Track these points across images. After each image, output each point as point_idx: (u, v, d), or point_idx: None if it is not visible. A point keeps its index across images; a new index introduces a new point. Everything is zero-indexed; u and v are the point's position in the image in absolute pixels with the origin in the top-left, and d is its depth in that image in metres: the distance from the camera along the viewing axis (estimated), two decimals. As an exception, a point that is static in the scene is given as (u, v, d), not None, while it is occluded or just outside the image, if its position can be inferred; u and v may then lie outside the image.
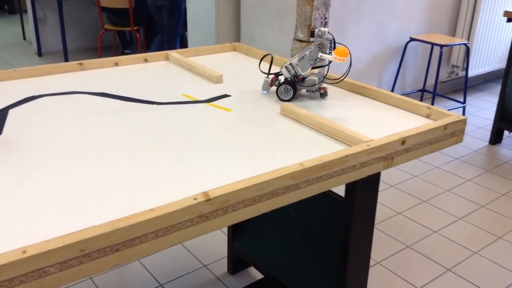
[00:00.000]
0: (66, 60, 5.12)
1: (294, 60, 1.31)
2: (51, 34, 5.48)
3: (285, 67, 1.32)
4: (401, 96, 1.32)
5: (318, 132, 1.13)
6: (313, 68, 1.32)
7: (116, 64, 1.57)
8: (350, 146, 1.05)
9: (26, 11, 5.73)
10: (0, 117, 1.13)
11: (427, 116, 1.25)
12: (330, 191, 1.43)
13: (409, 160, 1.12)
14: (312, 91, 1.35)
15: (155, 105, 1.26)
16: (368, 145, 1.01)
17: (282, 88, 1.31)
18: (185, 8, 3.92)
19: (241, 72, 1.56)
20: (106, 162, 0.95)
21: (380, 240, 2.23)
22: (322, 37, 1.29)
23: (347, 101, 1.34)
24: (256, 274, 1.99)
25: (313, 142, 1.08)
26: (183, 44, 5.08)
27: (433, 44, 3.43)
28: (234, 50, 1.82)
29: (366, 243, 1.35)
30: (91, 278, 1.93)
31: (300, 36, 2.78)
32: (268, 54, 1.42)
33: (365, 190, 1.24)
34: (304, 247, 1.59)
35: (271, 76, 1.38)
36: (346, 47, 1.26)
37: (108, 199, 0.82)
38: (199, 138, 1.08)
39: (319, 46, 1.29)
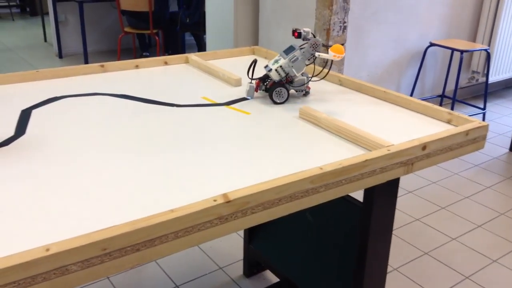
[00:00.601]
0: (86, 62, 5.19)
1: (283, 62, 1.31)
2: (72, 36, 5.56)
3: (275, 70, 1.31)
4: (422, 101, 1.31)
5: (337, 136, 1.13)
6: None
7: (137, 66, 1.59)
8: (370, 150, 1.05)
9: (47, 14, 5.83)
10: (23, 117, 1.15)
11: (448, 122, 1.24)
12: (348, 195, 1.42)
13: (429, 166, 1.11)
14: (301, 91, 1.36)
15: (175, 107, 1.27)
16: (388, 150, 1.00)
17: (276, 91, 1.31)
18: (204, 12, 3.95)
19: (260, 75, 1.57)
20: (126, 163, 0.96)
21: (397, 246, 2.21)
22: (307, 37, 1.31)
23: (366, 106, 1.33)
24: (271, 278, 1.99)
25: (332, 146, 1.08)
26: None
27: (453, 50, 3.39)
28: (253, 53, 1.82)
29: (384, 249, 1.34)
30: (108, 277, 1.95)
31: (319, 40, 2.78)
32: (254, 60, 1.40)
33: (384, 195, 1.23)
34: (320, 251, 1.58)
35: (255, 81, 1.37)
36: (342, 45, 1.28)
37: (129, 199, 0.83)
38: (218, 140, 1.08)
39: (313, 45, 1.30)
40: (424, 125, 1.22)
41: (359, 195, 1.34)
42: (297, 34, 1.33)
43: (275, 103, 1.32)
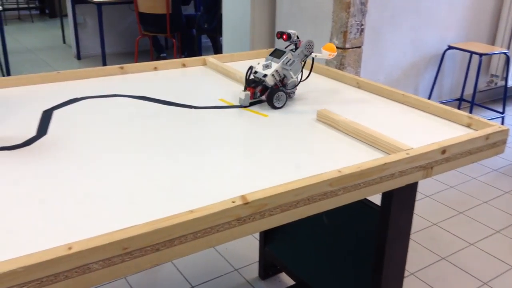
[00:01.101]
0: (104, 63, 5.25)
1: (278, 66, 1.29)
2: (90, 38, 5.63)
3: (272, 75, 1.29)
4: (441, 104, 1.29)
5: (355, 139, 1.13)
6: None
7: (156, 68, 1.60)
8: (389, 154, 1.04)
9: (66, 15, 5.91)
10: (45, 118, 1.17)
11: (468, 126, 1.22)
12: (365, 199, 1.42)
13: (448, 170, 1.10)
14: (293, 93, 1.36)
15: (193, 109, 1.28)
16: (407, 154, 1.00)
17: (276, 96, 1.29)
18: (221, 14, 3.97)
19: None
20: (145, 164, 0.97)
21: (414, 251, 2.19)
22: (294, 40, 1.32)
23: (384, 109, 1.33)
24: (287, 280, 1.99)
25: (350, 149, 1.07)
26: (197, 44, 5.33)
27: (472, 53, 3.36)
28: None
29: (402, 253, 1.33)
30: (125, 277, 1.97)
31: (336, 42, 2.78)
32: (250, 67, 1.38)
33: (402, 199, 1.22)
34: (337, 254, 1.57)
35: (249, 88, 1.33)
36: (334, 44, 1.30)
37: (148, 199, 0.84)
38: (236, 142, 1.09)
39: (307, 47, 1.30)
40: (443, 129, 1.21)
41: (376, 199, 1.33)
42: (286, 36, 1.32)
43: (275, 108, 1.30)
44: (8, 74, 4.65)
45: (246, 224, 0.84)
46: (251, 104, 1.33)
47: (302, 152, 1.05)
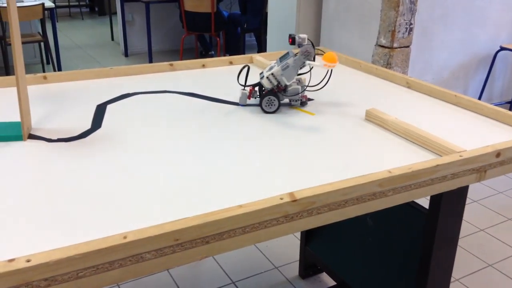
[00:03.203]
0: (150, 61, 5.37)
1: (275, 70, 1.24)
2: (137, 36, 5.77)
3: (267, 77, 1.25)
4: (495, 106, 1.25)
5: (405, 139, 1.11)
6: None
7: (203, 66, 1.63)
8: (440, 156, 1.02)
9: (115, 13, 6.08)
10: (99, 112, 1.21)
11: (524, 129, 1.18)
12: (412, 201, 1.39)
13: (502, 174, 1.06)
14: (296, 100, 1.29)
15: (240, 106, 1.29)
16: (460, 156, 0.97)
17: (266, 100, 1.25)
18: (266, 13, 3.98)
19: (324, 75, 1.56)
20: (193, 158, 0.99)
21: (460, 257, 2.13)
22: (303, 44, 1.23)
23: (435, 109, 1.30)
24: (327, 280, 1.98)
25: (400, 149, 1.06)
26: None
27: (526, 54, 3.22)
28: (316, 54, 1.81)
29: (449, 258, 1.30)
30: (167, 270, 2.01)
31: (383, 42, 2.73)
32: (246, 66, 1.35)
33: (452, 203, 1.19)
34: (380, 257, 1.55)
35: (248, 88, 1.31)
36: (334, 52, 1.21)
37: (197, 193, 0.86)
38: (283, 139, 1.09)
39: (305, 53, 1.22)
40: (497, 132, 1.17)
41: (422, 201, 1.30)
42: (291, 40, 1.25)
43: (265, 112, 1.25)
44: (60, 69, 4.84)
45: (294, 221, 0.84)
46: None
47: (350, 152, 1.04)
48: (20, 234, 0.73)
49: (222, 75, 1.55)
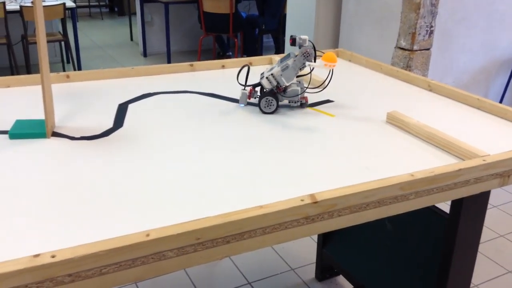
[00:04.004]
0: (169, 61, 5.40)
1: (275, 70, 1.24)
2: (156, 36, 5.81)
3: (266, 78, 1.25)
4: (519, 111, 1.23)
5: (427, 142, 1.10)
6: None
7: (223, 66, 1.63)
8: (463, 159, 1.01)
9: (134, 14, 6.13)
10: (120, 111, 1.23)
11: (549, 134, 1.16)
12: (432, 205, 1.37)
13: (526, 179, 1.04)
14: (295, 102, 1.28)
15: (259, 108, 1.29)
16: (484, 160, 0.96)
17: (264, 101, 1.24)
18: (284, 14, 3.98)
19: (344, 77, 1.56)
20: (214, 158, 0.99)
21: (479, 262, 2.10)
22: (303, 45, 1.22)
23: (457, 113, 1.28)
24: (344, 283, 1.96)
25: (421, 152, 1.05)
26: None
27: (549, 58, 3.17)
28: (337, 56, 1.81)
29: (469, 264, 1.28)
30: (184, 269, 2.02)
31: (403, 44, 2.71)
32: (246, 65, 1.34)
33: (473, 207, 1.18)
34: (399, 261, 1.54)
35: (248, 88, 1.31)
36: (333, 53, 1.20)
37: (218, 193, 0.86)
38: (303, 141, 1.09)
39: (304, 54, 1.22)
40: (522, 136, 1.15)
41: (442, 205, 1.29)
42: (291, 40, 1.24)
43: (263, 112, 1.25)
44: (79, 68, 4.90)
45: (314, 223, 0.84)
46: (315, 104, 1.32)
47: (370, 153, 1.03)
48: (45, 230, 0.74)
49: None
